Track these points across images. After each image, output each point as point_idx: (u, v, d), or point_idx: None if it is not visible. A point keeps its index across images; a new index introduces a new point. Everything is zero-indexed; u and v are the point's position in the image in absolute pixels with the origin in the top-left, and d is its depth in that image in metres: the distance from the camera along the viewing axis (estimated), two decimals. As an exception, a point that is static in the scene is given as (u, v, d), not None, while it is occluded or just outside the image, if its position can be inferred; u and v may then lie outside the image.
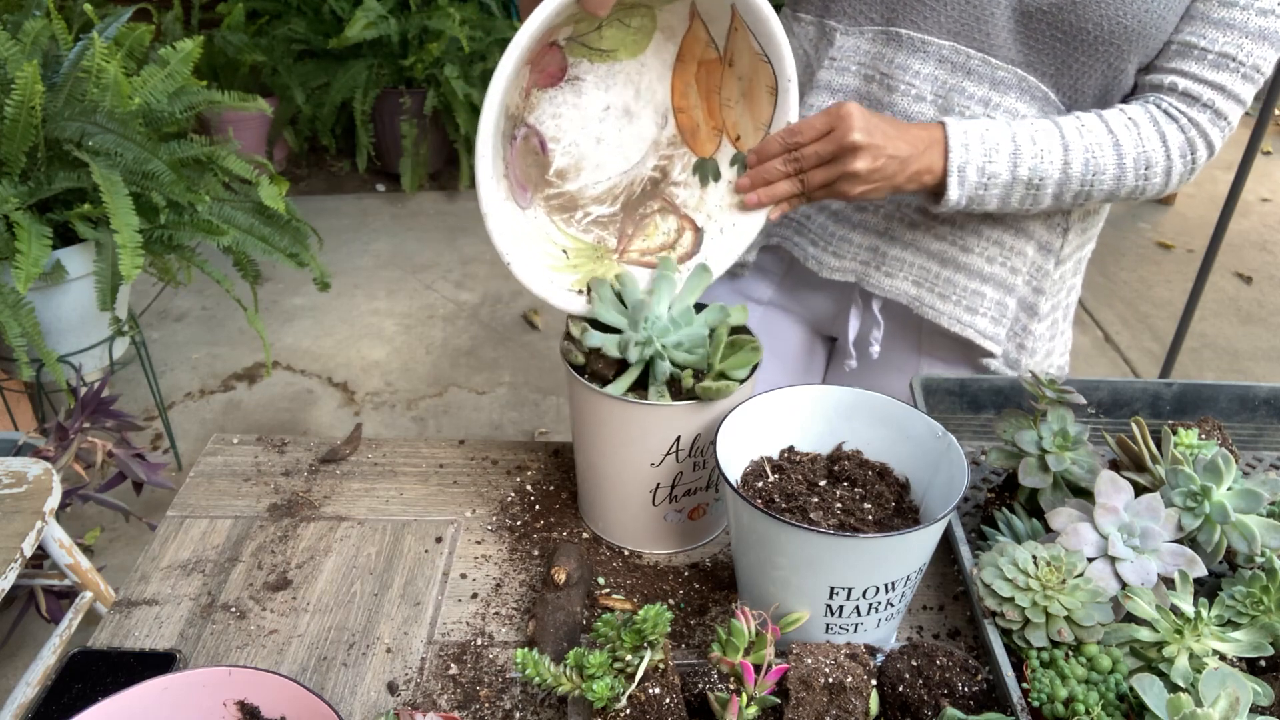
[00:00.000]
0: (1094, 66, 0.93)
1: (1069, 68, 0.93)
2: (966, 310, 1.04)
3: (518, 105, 0.88)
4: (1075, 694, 0.68)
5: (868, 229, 1.04)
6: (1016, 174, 0.91)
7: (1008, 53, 0.94)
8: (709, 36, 0.91)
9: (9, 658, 1.92)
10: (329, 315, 3.14)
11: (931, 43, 0.95)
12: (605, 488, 0.92)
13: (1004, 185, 0.92)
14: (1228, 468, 0.80)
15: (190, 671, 0.67)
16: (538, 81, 0.90)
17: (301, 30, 3.67)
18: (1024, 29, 0.92)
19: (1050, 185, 0.93)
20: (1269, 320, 3.30)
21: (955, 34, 0.94)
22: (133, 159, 1.80)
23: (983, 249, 1.02)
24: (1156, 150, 0.93)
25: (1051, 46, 0.92)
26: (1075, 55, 0.92)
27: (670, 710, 0.68)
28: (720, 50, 0.90)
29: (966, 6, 0.92)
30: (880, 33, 0.97)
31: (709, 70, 0.91)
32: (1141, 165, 0.93)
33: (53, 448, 1.59)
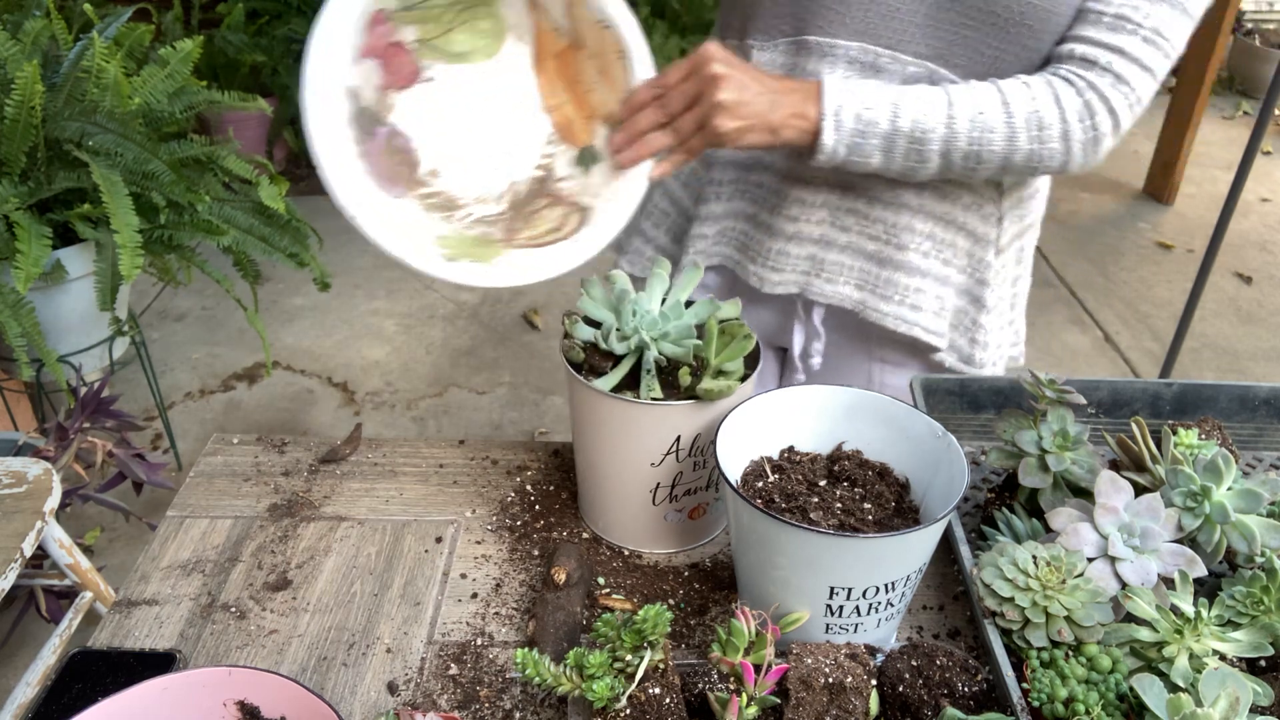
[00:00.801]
0: (1008, 50, 0.92)
1: (982, 55, 0.93)
2: (910, 309, 1.04)
3: (376, 103, 0.89)
4: (1075, 694, 0.68)
5: (804, 239, 1.04)
6: (897, 125, 0.89)
7: (917, 47, 0.94)
8: (553, 24, 0.91)
9: (9, 658, 1.92)
10: (329, 315, 3.14)
11: (839, 45, 0.95)
12: (605, 487, 0.92)
13: (884, 136, 0.90)
14: (1228, 468, 0.80)
15: (190, 671, 0.67)
16: (394, 83, 0.90)
17: (301, 30, 3.67)
18: (933, 20, 0.92)
19: (935, 141, 0.90)
20: (1269, 320, 3.30)
21: (862, 34, 0.94)
22: (133, 159, 1.80)
23: (917, 244, 1.02)
24: (1050, 111, 0.90)
25: (963, 35, 0.92)
26: (988, 41, 0.92)
27: (670, 710, 0.68)
28: (568, 35, 0.91)
29: (871, 6, 0.93)
30: (791, 43, 0.98)
31: (565, 61, 0.91)
32: (1034, 126, 0.90)
33: (53, 448, 1.59)
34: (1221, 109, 5.10)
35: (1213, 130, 4.77)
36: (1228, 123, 4.96)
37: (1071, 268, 3.58)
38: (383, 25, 0.90)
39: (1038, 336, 3.17)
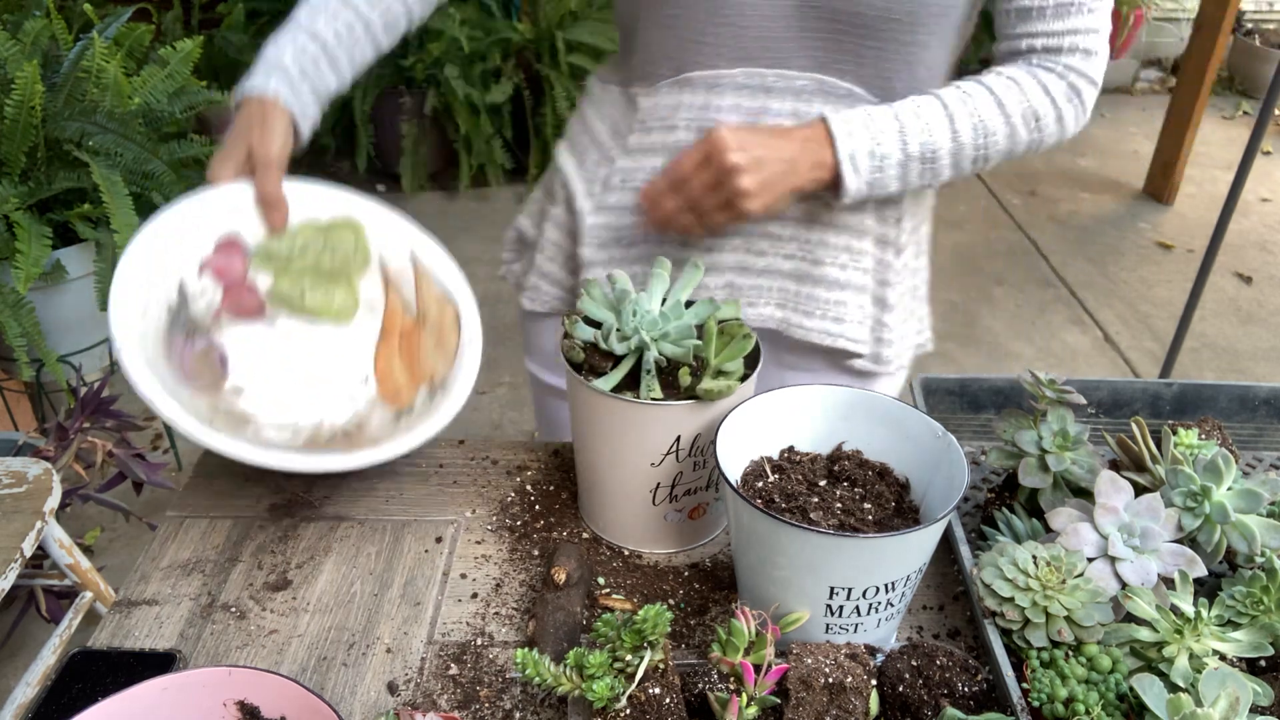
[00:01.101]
0: (889, 50, 0.93)
1: (863, 58, 0.94)
2: (834, 321, 1.05)
3: (205, 317, 0.91)
4: (1075, 694, 0.68)
5: (721, 268, 1.04)
6: (908, 151, 0.92)
7: (799, 62, 0.94)
8: (404, 301, 0.96)
9: (9, 658, 1.92)
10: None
11: (723, 75, 0.95)
12: (605, 488, 0.92)
13: (899, 164, 0.92)
14: (1228, 468, 0.80)
15: (190, 671, 0.67)
16: (233, 312, 0.93)
17: (301, 30, 3.67)
18: (805, 32, 0.92)
19: (945, 156, 0.93)
20: (1269, 320, 3.30)
21: (742, 60, 0.94)
22: (133, 159, 1.80)
23: (833, 258, 1.03)
24: (1042, 102, 0.94)
25: (837, 41, 0.93)
26: (865, 43, 0.92)
27: (670, 710, 0.68)
28: (415, 312, 0.95)
29: (743, 32, 0.93)
30: (673, 83, 0.98)
31: (409, 338, 0.94)
32: (1030, 119, 0.94)
33: (53, 448, 1.59)
34: (1221, 109, 5.10)
35: (1213, 130, 4.77)
36: (1228, 123, 4.96)
37: (1071, 268, 3.59)
38: (237, 255, 0.93)
39: (1038, 336, 3.18)
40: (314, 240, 0.96)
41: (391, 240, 0.96)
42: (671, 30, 0.95)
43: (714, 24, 0.92)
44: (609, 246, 1.05)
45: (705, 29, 0.93)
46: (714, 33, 0.93)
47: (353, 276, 0.97)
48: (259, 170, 0.94)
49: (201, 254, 0.91)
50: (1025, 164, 4.40)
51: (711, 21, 0.92)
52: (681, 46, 0.95)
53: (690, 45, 0.95)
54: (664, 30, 0.95)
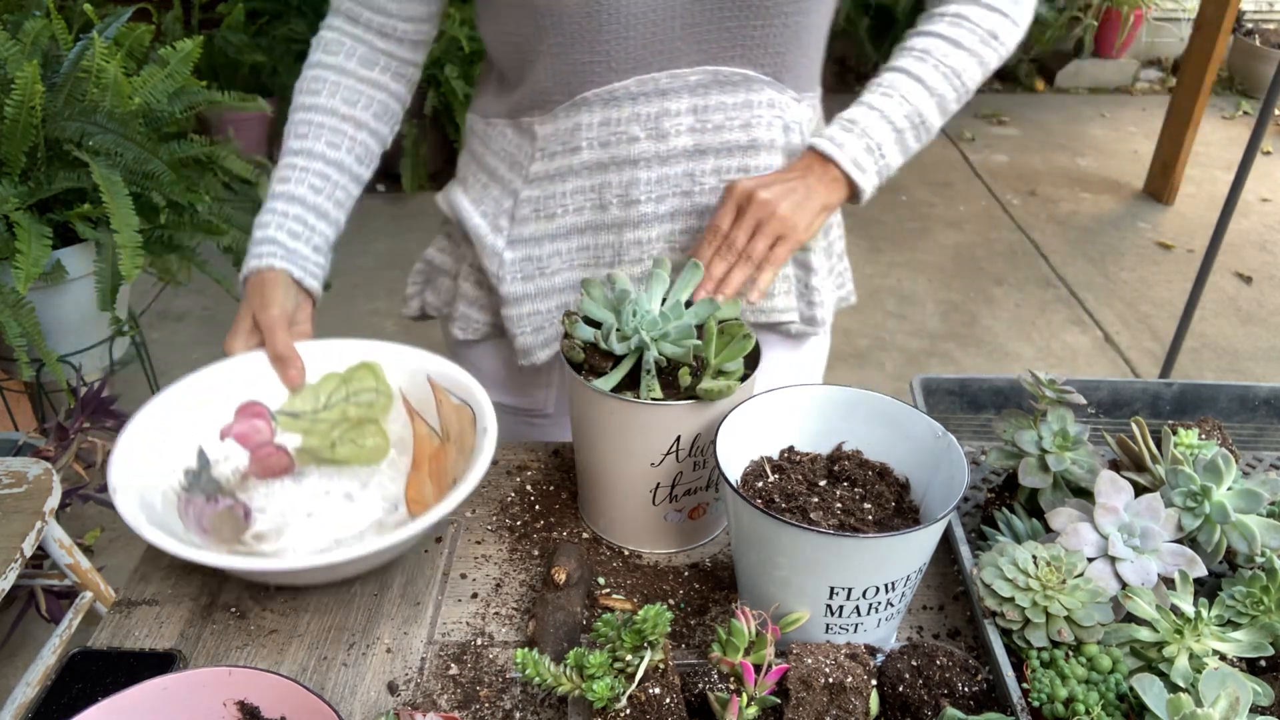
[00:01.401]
0: (775, 28, 0.94)
1: (752, 39, 0.94)
2: (765, 298, 1.07)
3: (229, 481, 0.92)
4: (1075, 694, 0.68)
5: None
6: (898, 127, 0.96)
7: (690, 57, 0.95)
8: (429, 428, 0.97)
9: (9, 658, 1.92)
10: (329, 316, 3.13)
11: (616, 88, 0.95)
12: (605, 487, 0.92)
13: (895, 143, 0.96)
14: (1228, 468, 0.80)
15: (190, 671, 0.67)
16: (257, 472, 0.95)
17: (301, 30, 3.67)
18: (691, 25, 0.92)
19: (931, 112, 0.97)
20: (1269, 320, 3.30)
21: (633, 69, 0.95)
22: (133, 159, 1.80)
23: None
24: (991, 19, 0.98)
25: (726, 28, 0.93)
26: (752, 24, 0.93)
27: (670, 710, 0.68)
28: (440, 432, 0.96)
29: (629, 40, 0.93)
30: (569, 106, 0.97)
31: (437, 459, 0.95)
32: (990, 40, 0.98)
33: (53, 448, 1.59)
34: (1221, 109, 5.10)
35: (1213, 130, 4.77)
36: (1228, 123, 4.96)
37: (1071, 268, 3.59)
38: (261, 419, 0.95)
39: (1038, 336, 3.18)
40: (336, 391, 0.99)
41: (408, 368, 0.98)
42: (559, 57, 0.94)
43: (602, 40, 0.92)
44: (533, 278, 1.05)
45: (594, 48, 0.93)
46: (603, 49, 0.93)
47: (379, 419, 0.99)
48: (266, 333, 0.96)
49: (221, 421, 0.93)
50: (1025, 164, 4.41)
51: (598, 39, 0.92)
52: (571, 70, 0.95)
53: (580, 67, 0.94)
54: (553, 58, 0.95)
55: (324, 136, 1.02)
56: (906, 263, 3.59)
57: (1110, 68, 5.29)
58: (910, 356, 3.07)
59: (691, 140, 0.97)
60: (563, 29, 0.92)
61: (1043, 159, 4.48)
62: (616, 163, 0.98)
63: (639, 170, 0.98)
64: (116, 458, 0.82)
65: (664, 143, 0.97)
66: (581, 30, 0.92)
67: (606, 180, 0.99)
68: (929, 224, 3.85)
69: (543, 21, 0.92)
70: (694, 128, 0.97)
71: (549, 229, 1.03)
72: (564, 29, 0.92)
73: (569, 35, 0.92)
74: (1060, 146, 4.61)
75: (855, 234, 3.73)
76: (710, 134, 0.97)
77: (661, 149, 0.97)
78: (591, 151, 0.98)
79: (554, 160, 1.00)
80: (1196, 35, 3.78)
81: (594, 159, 0.98)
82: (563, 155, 0.99)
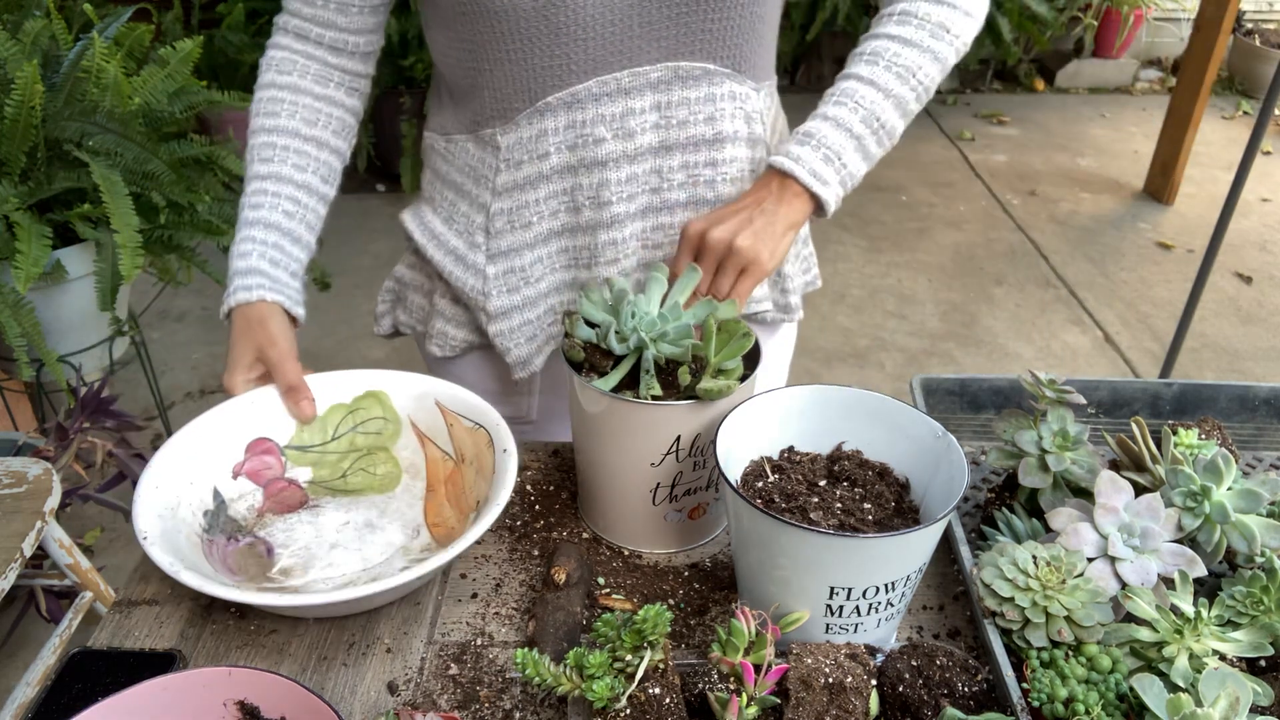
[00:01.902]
0: (733, 19, 0.94)
1: (709, 33, 0.94)
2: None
3: (247, 519, 0.93)
4: (1075, 694, 0.68)
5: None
6: (855, 133, 0.94)
7: (650, 54, 0.94)
8: (442, 452, 0.97)
9: (9, 658, 1.92)
10: (329, 315, 3.14)
11: (578, 90, 0.95)
12: (605, 487, 0.92)
13: (855, 150, 0.94)
14: (1228, 468, 0.80)
15: (190, 671, 0.67)
16: (273, 508, 0.95)
17: (301, 30, 3.67)
18: (647, 22, 0.92)
19: (890, 116, 0.95)
20: (1269, 320, 3.30)
21: (593, 70, 0.94)
22: (133, 159, 1.80)
23: None
24: (941, 13, 0.96)
25: (685, 23, 0.93)
26: (711, 17, 0.93)
27: (670, 710, 0.68)
28: (453, 454, 0.96)
29: (589, 42, 0.92)
30: (531, 113, 0.96)
31: (453, 481, 0.96)
32: (941, 33, 0.96)
33: (53, 448, 1.59)
34: (1221, 109, 5.10)
35: (1213, 130, 4.77)
36: (1228, 123, 4.96)
37: (1071, 268, 3.59)
38: (271, 455, 0.96)
39: (1038, 336, 3.18)
40: (344, 422, 0.99)
41: (415, 394, 0.99)
42: (518, 63, 0.94)
43: (559, 44, 0.92)
44: (518, 289, 1.04)
45: (552, 51, 0.92)
46: (561, 53, 0.92)
47: (389, 446, 0.99)
48: (276, 367, 0.96)
49: (233, 460, 0.94)
50: (1025, 164, 4.41)
51: (557, 42, 0.91)
52: (531, 75, 0.94)
53: (540, 72, 0.94)
54: (510, 65, 0.94)
55: (290, 160, 1.01)
56: (906, 263, 3.59)
57: (1110, 68, 5.29)
58: (910, 356, 3.07)
59: (657, 137, 0.97)
60: (520, 33, 0.91)
61: (1043, 159, 4.48)
62: (585, 165, 0.97)
63: (608, 171, 0.97)
64: (139, 508, 0.83)
65: (631, 141, 0.96)
66: (539, 33, 0.91)
67: (577, 183, 0.98)
68: (929, 224, 3.85)
69: (499, 26, 0.91)
70: (659, 124, 0.97)
71: (526, 238, 1.02)
72: (521, 33, 0.91)
73: (526, 39, 0.92)
74: (1060, 146, 4.61)
75: (855, 234, 3.73)
76: (675, 129, 0.97)
77: (629, 148, 0.97)
78: (560, 156, 0.98)
79: (521, 169, 0.99)
80: (1196, 35, 3.78)
81: (563, 163, 0.98)
82: (530, 163, 0.99)
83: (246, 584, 0.86)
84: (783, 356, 1.21)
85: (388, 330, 1.20)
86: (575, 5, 0.90)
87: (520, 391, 1.16)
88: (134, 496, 0.84)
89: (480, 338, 1.10)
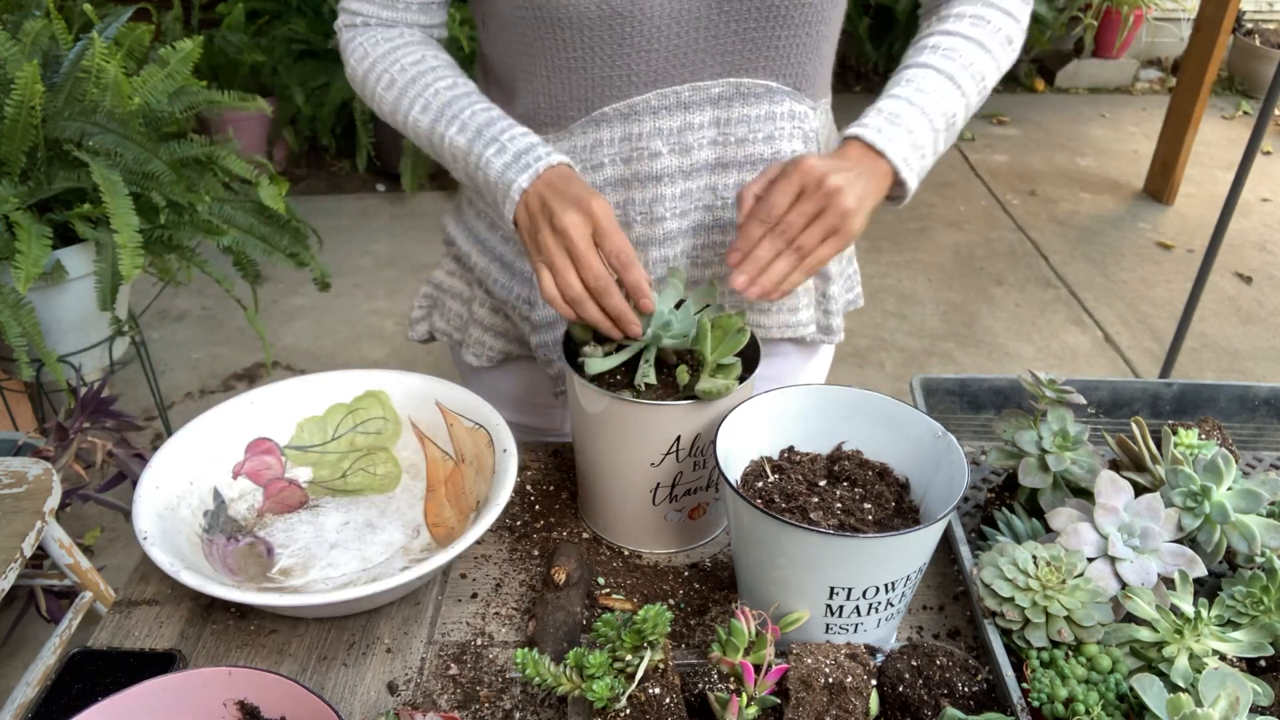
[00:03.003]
0: (799, 36, 0.92)
1: (777, 49, 0.92)
2: (789, 312, 1.05)
3: (247, 519, 0.93)
4: (1075, 694, 0.68)
5: None
6: (936, 128, 0.91)
7: (713, 69, 0.92)
8: (442, 452, 0.97)
9: (9, 658, 1.92)
10: (329, 315, 3.14)
11: (635, 103, 0.92)
12: (605, 488, 0.92)
13: (932, 145, 0.91)
14: (1228, 468, 0.80)
15: (190, 671, 0.67)
16: (273, 508, 0.95)
17: (301, 30, 3.67)
18: (715, 37, 0.90)
19: (960, 116, 0.93)
20: (1269, 320, 3.30)
21: (654, 82, 0.91)
22: (133, 159, 1.80)
23: None
24: (1009, 25, 0.96)
25: (751, 39, 0.91)
26: (778, 34, 0.91)
27: (670, 710, 0.68)
28: (453, 454, 0.96)
29: (653, 54, 0.90)
30: (586, 122, 0.94)
31: (453, 480, 0.96)
32: (1005, 45, 0.96)
33: (53, 448, 1.59)
34: (1221, 109, 5.10)
35: (1213, 130, 4.77)
36: (1228, 123, 4.96)
37: (1071, 268, 3.58)
38: (271, 455, 0.96)
39: (1038, 336, 3.18)
40: (344, 422, 0.99)
41: (415, 395, 0.99)
42: (576, 71, 0.91)
43: (621, 54, 0.89)
44: None
45: (613, 61, 0.89)
46: (623, 63, 0.89)
47: (389, 446, 0.99)
48: (611, 234, 0.83)
49: (233, 460, 0.94)
50: (1025, 164, 4.41)
51: (619, 52, 0.89)
52: (589, 85, 0.91)
53: (598, 82, 0.91)
54: (570, 74, 0.91)
55: (436, 53, 0.97)
56: (906, 263, 3.59)
57: (1110, 68, 5.29)
58: (910, 356, 3.07)
59: (714, 154, 0.95)
60: (582, 41, 0.89)
61: (1043, 159, 4.48)
62: (640, 179, 0.95)
63: (663, 186, 0.95)
64: (139, 508, 0.83)
65: (687, 157, 0.94)
66: (601, 42, 0.88)
67: (630, 197, 0.96)
68: (929, 224, 3.85)
69: (560, 34, 0.88)
70: (716, 140, 0.94)
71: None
72: (583, 41, 0.89)
73: (588, 48, 0.89)
74: (1060, 146, 4.61)
75: (855, 234, 3.73)
76: (733, 147, 0.95)
77: (685, 163, 0.94)
78: (614, 168, 0.95)
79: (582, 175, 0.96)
80: (1196, 35, 3.78)
81: (616, 175, 0.95)
82: (584, 173, 0.96)
83: (246, 584, 0.86)
84: (818, 375, 1.18)
85: (423, 336, 1.18)
86: (641, 15, 0.87)
87: (556, 404, 1.15)
88: (134, 496, 0.84)
89: (518, 348, 1.09)
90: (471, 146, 0.89)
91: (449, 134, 0.90)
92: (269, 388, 0.97)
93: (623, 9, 0.86)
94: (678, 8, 0.87)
